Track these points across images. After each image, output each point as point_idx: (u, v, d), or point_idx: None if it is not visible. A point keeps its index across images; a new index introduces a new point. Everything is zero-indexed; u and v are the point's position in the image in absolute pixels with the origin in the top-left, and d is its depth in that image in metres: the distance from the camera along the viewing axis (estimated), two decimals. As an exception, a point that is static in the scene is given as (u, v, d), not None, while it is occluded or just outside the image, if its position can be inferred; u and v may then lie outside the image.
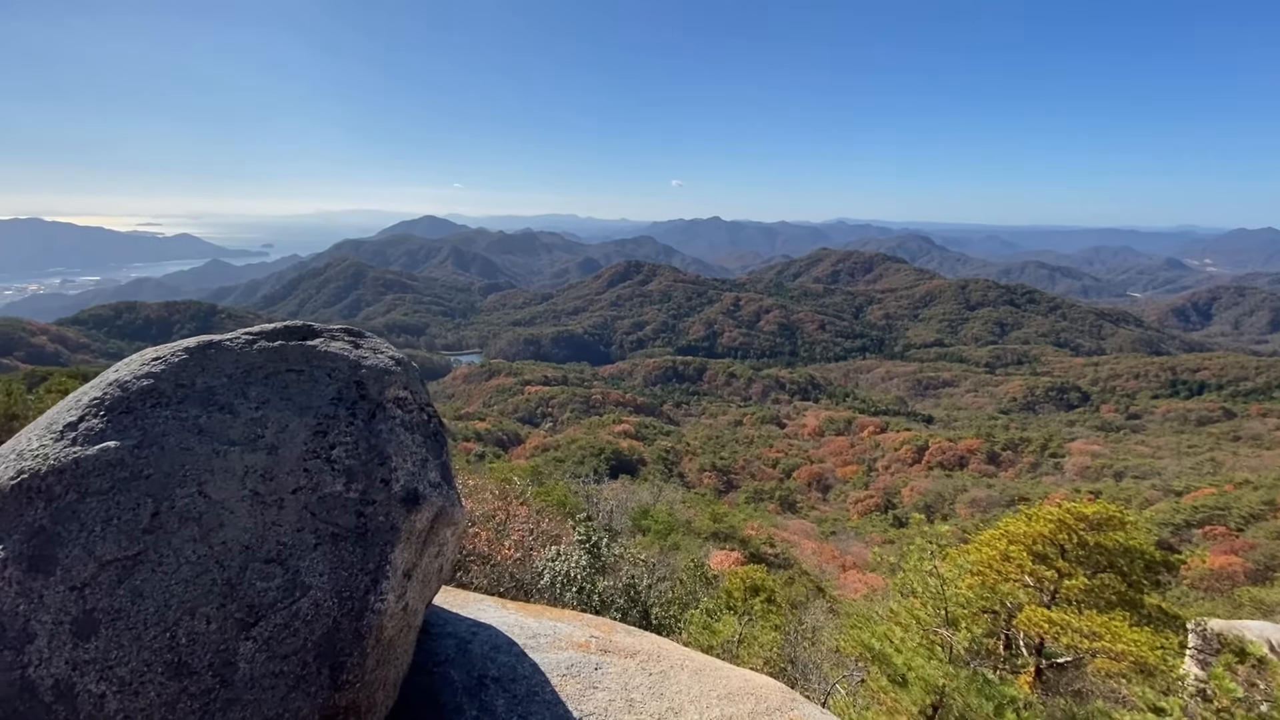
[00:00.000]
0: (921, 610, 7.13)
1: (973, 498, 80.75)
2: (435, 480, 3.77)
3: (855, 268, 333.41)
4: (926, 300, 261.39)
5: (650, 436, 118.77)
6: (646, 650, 4.71)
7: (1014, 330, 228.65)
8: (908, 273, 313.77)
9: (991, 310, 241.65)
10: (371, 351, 4.05)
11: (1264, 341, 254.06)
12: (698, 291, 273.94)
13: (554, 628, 4.89)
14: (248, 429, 3.46)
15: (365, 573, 3.22)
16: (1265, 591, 26.21)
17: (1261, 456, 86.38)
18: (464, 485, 17.24)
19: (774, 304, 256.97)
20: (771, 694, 4.42)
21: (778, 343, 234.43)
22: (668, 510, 37.29)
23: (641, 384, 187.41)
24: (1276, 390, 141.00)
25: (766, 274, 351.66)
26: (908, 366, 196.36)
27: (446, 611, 5.00)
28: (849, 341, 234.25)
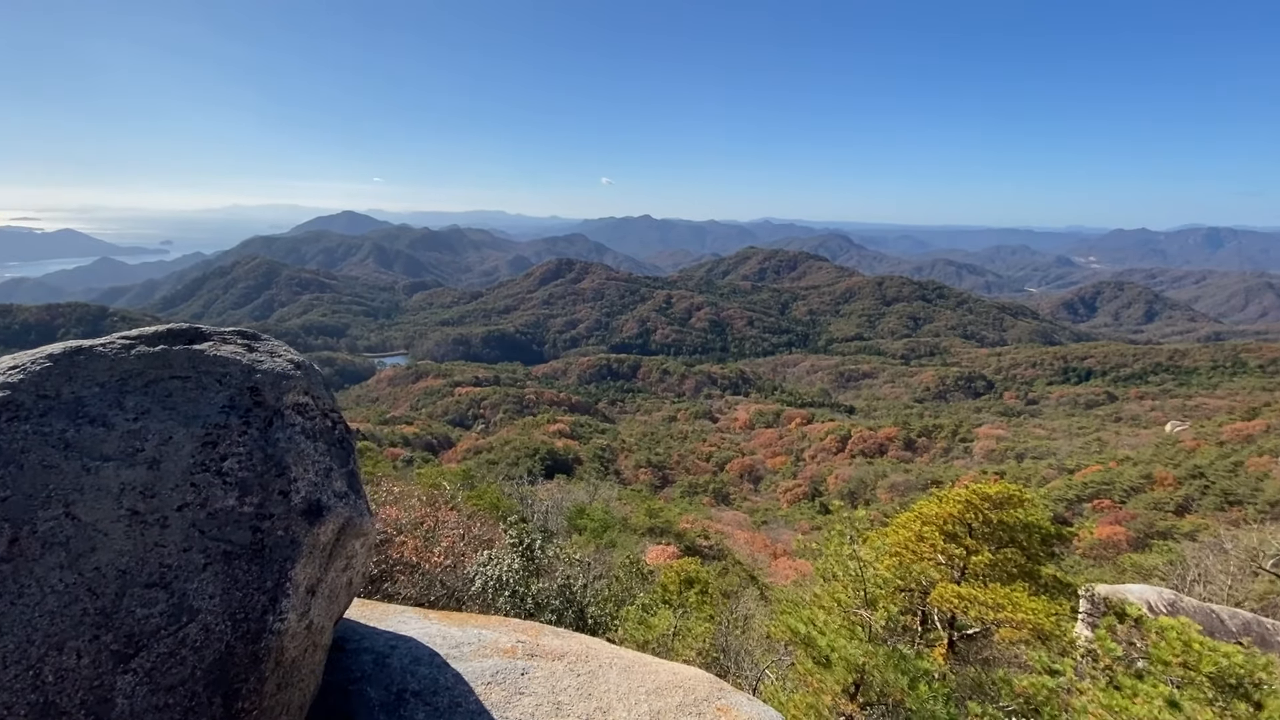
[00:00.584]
0: (843, 593, 7.44)
1: (892, 483, 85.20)
2: (341, 490, 3.55)
3: (781, 266, 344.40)
4: (847, 296, 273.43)
5: (585, 435, 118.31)
6: (575, 651, 4.66)
7: (926, 324, 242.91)
8: (829, 271, 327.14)
9: (906, 305, 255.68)
10: (268, 355, 3.76)
11: (1140, 331, 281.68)
12: (630, 289, 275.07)
13: (479, 635, 4.75)
14: (124, 442, 3.14)
15: (263, 591, 2.99)
16: (1144, 557, 29.06)
17: (1139, 435, 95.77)
18: (389, 493, 16.58)
19: (705, 301, 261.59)
20: (700, 685, 4.47)
21: (709, 339, 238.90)
22: (604, 508, 37.22)
23: (576, 383, 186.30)
24: (1151, 375, 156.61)
25: (697, 272, 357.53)
26: (831, 360, 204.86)
27: (363, 626, 4.76)
28: (776, 337, 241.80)
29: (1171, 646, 4.58)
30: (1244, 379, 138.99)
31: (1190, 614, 14.49)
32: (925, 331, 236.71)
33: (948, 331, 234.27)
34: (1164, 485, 59.28)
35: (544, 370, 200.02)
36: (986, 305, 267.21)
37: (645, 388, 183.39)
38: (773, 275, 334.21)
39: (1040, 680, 5.82)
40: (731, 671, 11.63)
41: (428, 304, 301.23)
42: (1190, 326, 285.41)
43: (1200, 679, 4.41)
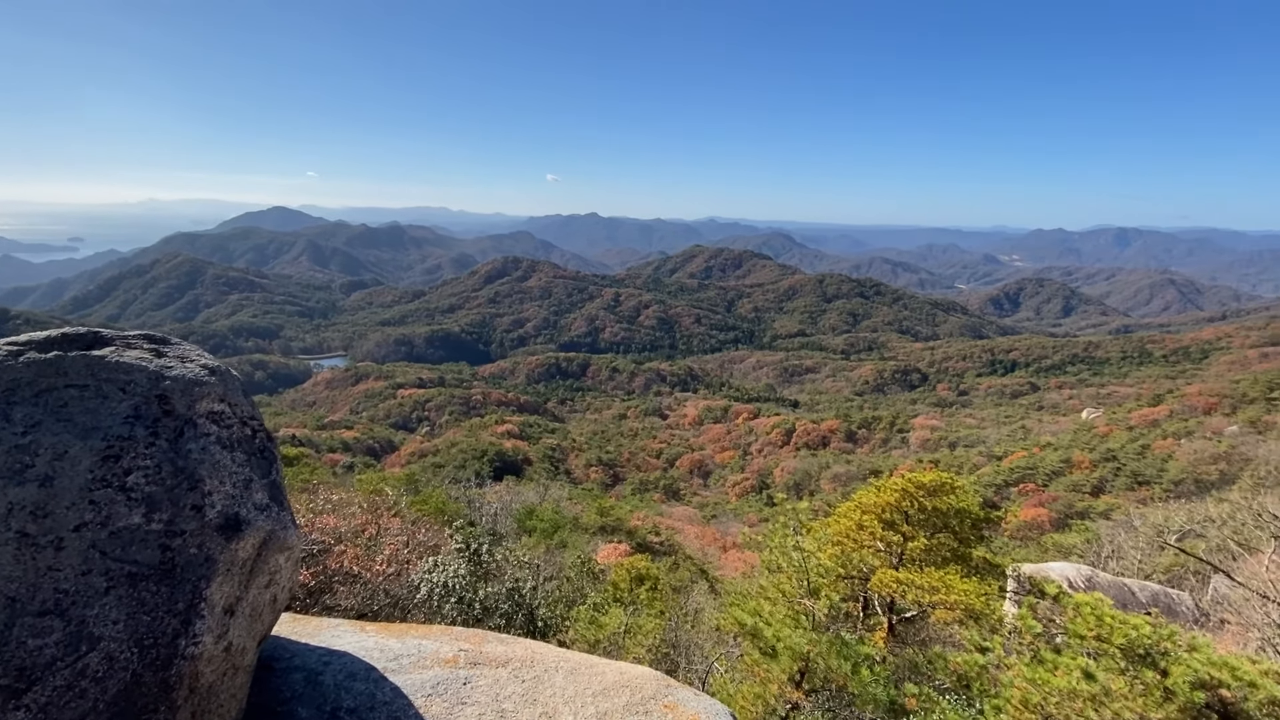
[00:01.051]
0: (787, 583, 7.61)
1: (834, 474, 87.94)
2: (262, 502, 3.33)
3: (726, 264, 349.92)
4: (790, 294, 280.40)
5: (535, 435, 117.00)
6: (520, 657, 4.56)
7: (865, 320, 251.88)
8: (773, 269, 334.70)
9: (845, 302, 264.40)
10: (178, 360, 3.49)
11: (1059, 325, 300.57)
12: (578, 288, 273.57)
13: (419, 646, 4.59)
14: (11, 458, 2.85)
15: (174, 614, 2.77)
16: (1064, 537, 31.02)
17: (1059, 422, 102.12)
18: (327, 501, 15.91)
19: (653, 299, 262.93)
20: (647, 683, 4.46)
21: (657, 337, 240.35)
22: (554, 508, 36.88)
23: (524, 382, 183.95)
24: (1069, 366, 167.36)
25: (644, 270, 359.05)
26: (775, 355, 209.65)
27: (294, 643, 4.52)
28: (723, 334, 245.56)
29: (1086, 621, 4.89)
30: (1150, 368, 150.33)
31: (1105, 588, 15.56)
32: (864, 327, 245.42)
33: (885, 327, 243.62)
34: (1081, 468, 63.43)
35: (491, 370, 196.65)
36: (920, 301, 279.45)
37: (595, 386, 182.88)
38: (718, 273, 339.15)
39: (971, 658, 6.10)
40: (682, 666, 11.73)
41: (367, 303, 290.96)
42: (1102, 320, 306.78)
43: (1113, 650, 4.73)
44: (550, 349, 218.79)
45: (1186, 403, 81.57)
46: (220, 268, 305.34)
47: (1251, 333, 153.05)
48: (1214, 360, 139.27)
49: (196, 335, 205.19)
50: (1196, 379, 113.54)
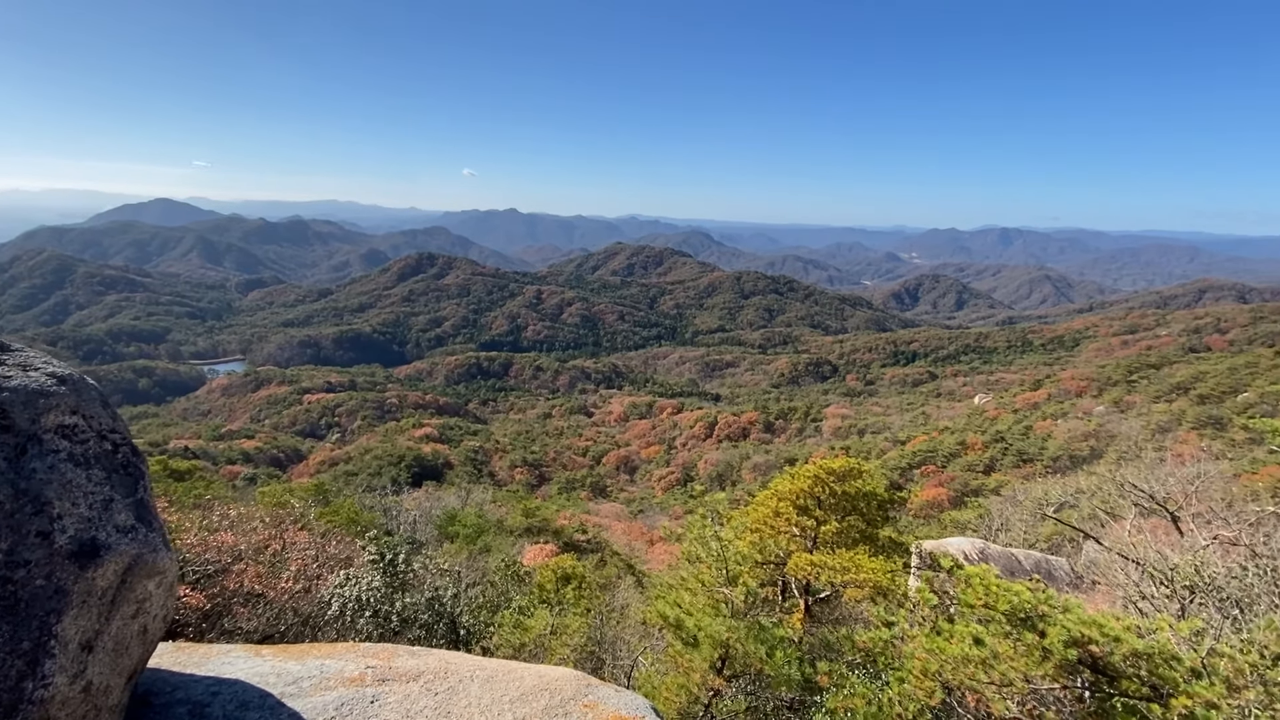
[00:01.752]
0: (707, 573, 7.78)
1: (755, 463, 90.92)
2: (125, 524, 3.00)
3: (648, 261, 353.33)
4: (709, 291, 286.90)
5: (456, 438, 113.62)
6: (432, 669, 4.38)
7: (780, 315, 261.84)
8: (693, 266, 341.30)
9: (761, 298, 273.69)
10: (19, 369, 3.06)
11: (953, 318, 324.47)
12: (499, 285, 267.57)
13: (321, 666, 4.30)
14: None
15: (17, 655, 2.43)
16: (960, 513, 33.56)
17: (955, 408, 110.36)
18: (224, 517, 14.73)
19: (576, 296, 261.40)
20: (566, 685, 4.41)
21: (581, 334, 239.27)
22: (477, 513, 35.94)
23: (443, 383, 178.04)
24: (963, 355, 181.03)
25: (567, 267, 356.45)
26: (697, 351, 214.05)
27: (177, 674, 4.13)
28: (646, 330, 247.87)
29: (975, 591, 5.29)
30: (1031, 356, 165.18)
31: (996, 559, 16.97)
32: (779, 322, 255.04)
33: (798, 322, 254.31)
34: (974, 450, 68.83)
35: (407, 372, 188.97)
36: (830, 297, 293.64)
37: (518, 385, 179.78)
38: (640, 270, 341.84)
39: (878, 633, 6.46)
40: (608, 663, 11.74)
41: (267, 303, 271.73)
42: (990, 313, 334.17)
43: (998, 616, 5.15)
44: (470, 348, 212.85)
45: (1062, 386, 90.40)
46: (94, 265, 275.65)
47: (1114, 323, 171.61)
48: (1084, 348, 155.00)
49: (67, 340, 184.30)
50: (1070, 365, 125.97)
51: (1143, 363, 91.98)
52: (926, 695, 5.16)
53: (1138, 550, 10.33)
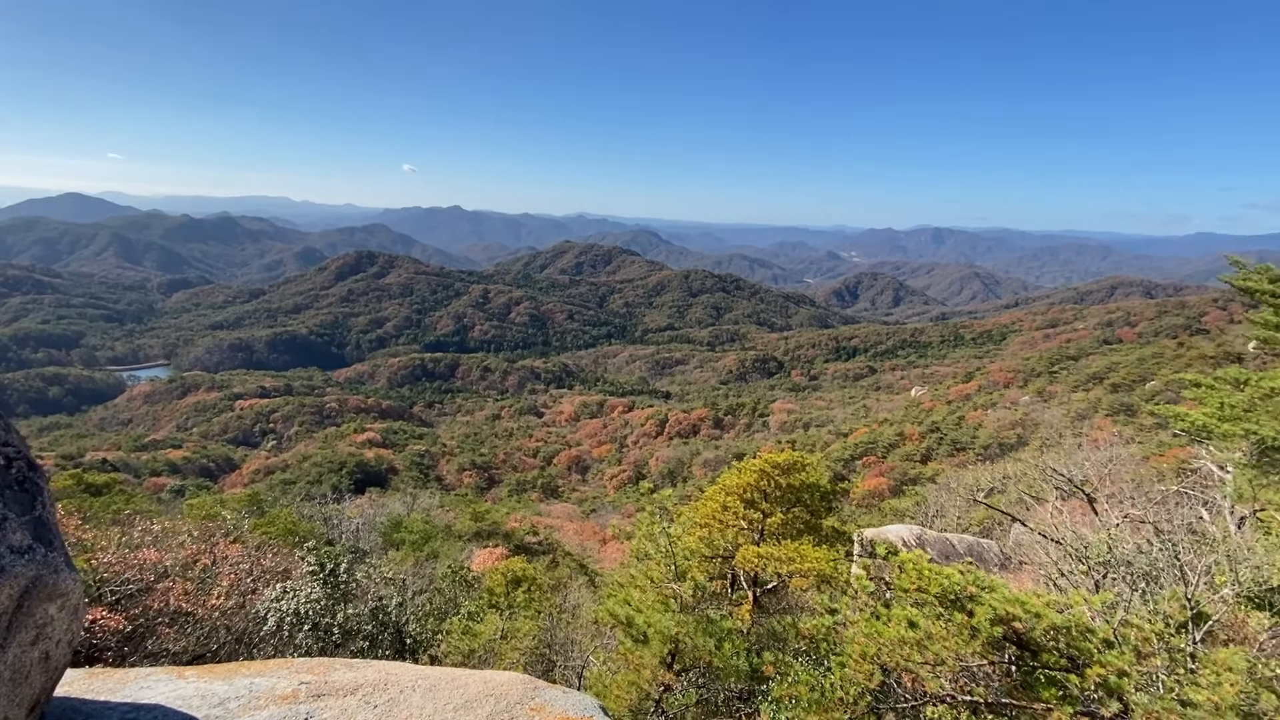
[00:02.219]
0: (656, 570, 7.84)
1: (705, 459, 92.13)
2: (21, 544, 2.77)
3: (596, 260, 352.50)
4: (658, 289, 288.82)
5: (401, 442, 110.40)
6: (371, 681, 4.25)
7: (727, 313, 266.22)
8: (641, 265, 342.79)
9: (709, 296, 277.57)
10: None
11: (890, 314, 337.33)
12: (444, 284, 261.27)
13: (250, 685, 4.10)
14: None
15: (-104, 693, 2.22)
16: (899, 501, 34.97)
17: (894, 400, 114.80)
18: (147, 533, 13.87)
19: (524, 295, 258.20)
20: (513, 689, 4.36)
21: (530, 333, 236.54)
22: (424, 518, 35.04)
23: (386, 386, 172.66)
24: (900, 350, 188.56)
25: (514, 265, 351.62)
26: (647, 349, 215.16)
27: (90, 702, 3.85)
28: (596, 329, 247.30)
29: (909, 576, 5.54)
30: (962, 349, 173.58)
31: (932, 544, 17.76)
32: (726, 320, 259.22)
33: (745, 319, 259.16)
34: (912, 440, 71.81)
35: (348, 374, 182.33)
36: (775, 295, 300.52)
37: (465, 387, 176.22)
38: (589, 269, 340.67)
39: (820, 620, 6.66)
40: (559, 664, 11.67)
41: (194, 304, 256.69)
42: (925, 309, 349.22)
43: (931, 599, 5.40)
44: (414, 350, 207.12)
45: (991, 378, 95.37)
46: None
47: (1037, 317, 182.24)
48: (1010, 341, 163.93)
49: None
50: (997, 358, 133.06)
51: (1063, 355, 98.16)
52: (866, 678, 5.37)
53: (1058, 531, 11.03)
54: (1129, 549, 8.49)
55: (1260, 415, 12.69)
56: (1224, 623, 7.42)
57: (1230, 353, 54.84)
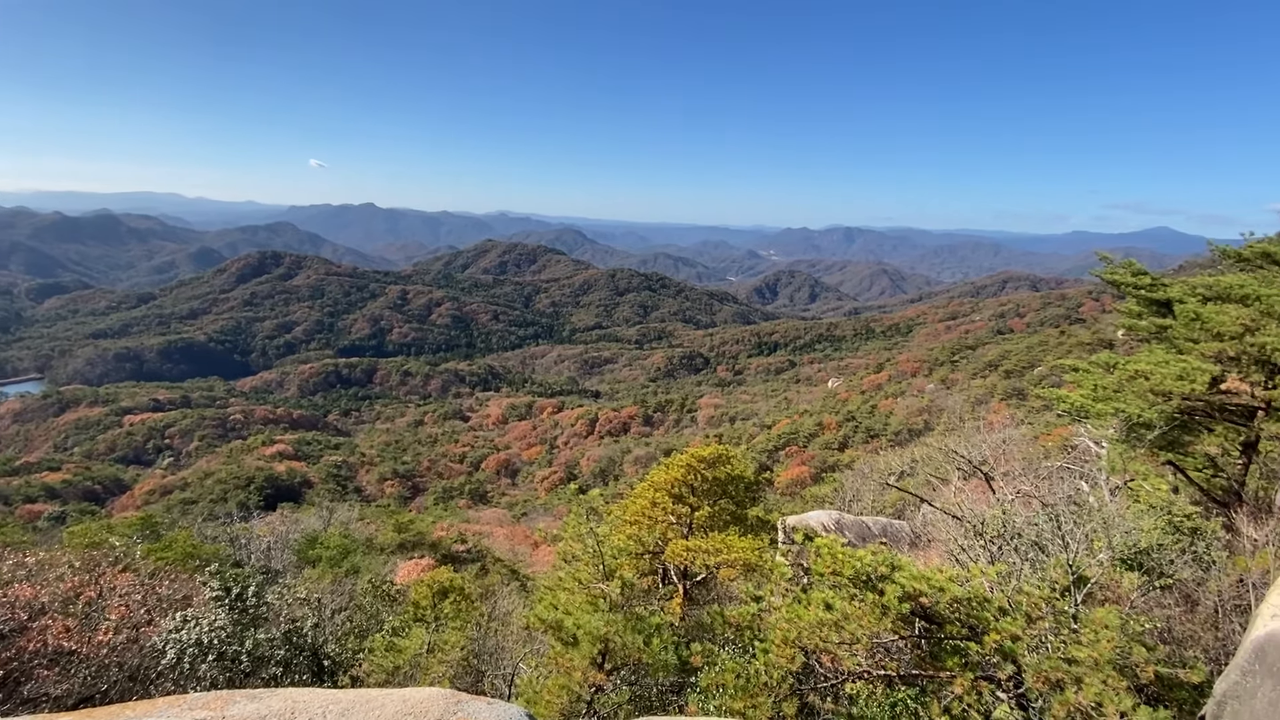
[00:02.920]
0: (584, 570, 7.82)
1: (636, 456, 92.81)
2: None
3: (521, 259, 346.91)
4: (585, 288, 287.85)
5: (315, 453, 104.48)
6: (275, 711, 3.99)
7: (654, 311, 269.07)
8: (567, 264, 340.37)
9: (636, 295, 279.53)
10: None
11: (807, 310, 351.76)
12: (358, 285, 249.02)
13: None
14: None
15: None
16: (820, 488, 36.56)
17: (812, 392, 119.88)
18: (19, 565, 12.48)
19: (445, 296, 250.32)
20: (433, 705, 4.21)
21: (453, 335, 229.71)
22: (342, 533, 33.34)
23: (297, 395, 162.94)
24: (817, 344, 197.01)
25: (434, 265, 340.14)
26: (575, 349, 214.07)
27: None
28: (522, 329, 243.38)
29: (825, 560, 5.81)
30: (874, 342, 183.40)
31: (850, 527, 18.67)
32: (653, 318, 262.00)
33: (671, 317, 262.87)
34: (830, 429, 75.24)
35: (253, 384, 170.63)
36: (699, 293, 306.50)
37: (385, 393, 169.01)
38: (513, 268, 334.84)
39: (746, 609, 6.87)
40: (488, 674, 11.42)
41: (70, 311, 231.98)
42: (839, 304, 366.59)
43: (845, 581, 5.68)
44: (327, 355, 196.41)
45: (899, 368, 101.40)
46: None
47: (939, 310, 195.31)
48: (916, 333, 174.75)
49: None
50: (905, 349, 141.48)
51: (962, 345, 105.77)
52: (788, 661, 5.58)
53: (959, 509, 11.87)
54: (1021, 522, 9.25)
55: (1127, 395, 14.15)
56: (1102, 584, 8.21)
57: (1103, 339, 60.90)
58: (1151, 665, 5.56)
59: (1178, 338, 13.71)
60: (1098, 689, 4.93)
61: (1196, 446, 15.22)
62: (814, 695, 6.17)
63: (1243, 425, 13.86)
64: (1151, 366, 13.09)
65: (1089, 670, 5.22)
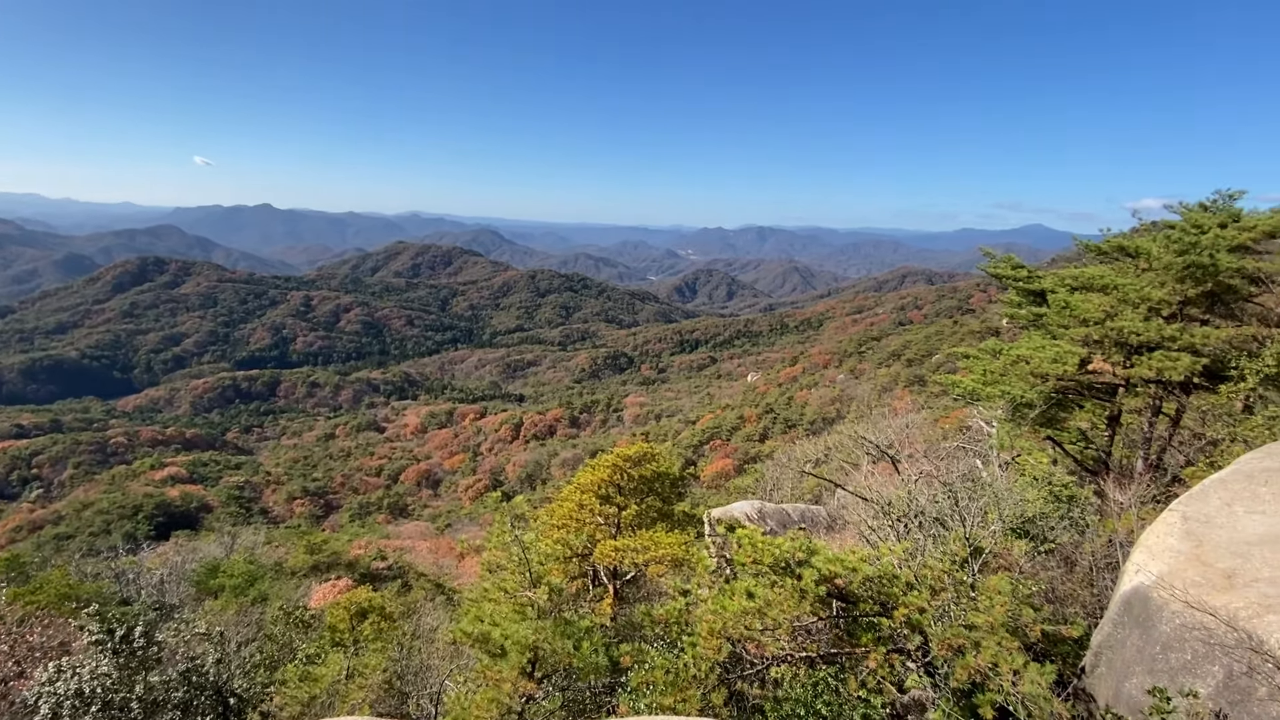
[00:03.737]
0: (510, 579, 7.68)
1: (563, 459, 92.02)
2: None
3: (435, 261, 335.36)
4: (505, 290, 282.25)
5: (214, 475, 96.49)
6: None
7: (576, 312, 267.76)
8: (485, 265, 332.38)
9: (557, 296, 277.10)
10: None
11: (725, 307, 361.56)
12: (256, 292, 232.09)
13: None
14: None
15: None
16: (743, 480, 37.68)
17: (733, 387, 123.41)
18: None
19: (354, 301, 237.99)
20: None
21: (364, 343, 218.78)
22: (247, 559, 31.02)
23: (190, 413, 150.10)
24: (736, 340, 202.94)
25: (341, 269, 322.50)
26: (497, 352, 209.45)
27: None
28: (439, 334, 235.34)
29: (745, 550, 6.00)
30: (788, 336, 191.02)
31: (771, 515, 19.34)
32: (576, 319, 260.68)
33: (594, 317, 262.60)
34: (751, 422, 77.72)
35: (138, 403, 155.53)
36: (621, 293, 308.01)
37: (290, 406, 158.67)
38: (428, 271, 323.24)
39: (673, 604, 6.97)
40: (413, 695, 10.98)
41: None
42: (755, 301, 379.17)
43: (765, 569, 5.89)
44: (224, 368, 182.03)
45: (813, 361, 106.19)
46: None
47: (846, 305, 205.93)
48: (826, 327, 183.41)
49: None
50: (817, 342, 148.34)
51: (868, 337, 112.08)
52: (715, 652, 5.71)
53: (869, 491, 12.58)
54: (924, 501, 9.92)
55: (1011, 378, 15.50)
56: (995, 553, 8.94)
57: (991, 327, 66.37)
58: (1038, 625, 6.11)
59: (1051, 324, 15.15)
60: (993, 651, 5.36)
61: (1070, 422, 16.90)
62: (742, 683, 6.35)
63: (1107, 401, 15.51)
64: (1031, 351, 14.40)
65: (986, 634, 5.66)
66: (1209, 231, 14.44)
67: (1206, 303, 14.79)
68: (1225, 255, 13.59)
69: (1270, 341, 13.20)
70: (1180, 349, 13.13)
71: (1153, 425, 15.04)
